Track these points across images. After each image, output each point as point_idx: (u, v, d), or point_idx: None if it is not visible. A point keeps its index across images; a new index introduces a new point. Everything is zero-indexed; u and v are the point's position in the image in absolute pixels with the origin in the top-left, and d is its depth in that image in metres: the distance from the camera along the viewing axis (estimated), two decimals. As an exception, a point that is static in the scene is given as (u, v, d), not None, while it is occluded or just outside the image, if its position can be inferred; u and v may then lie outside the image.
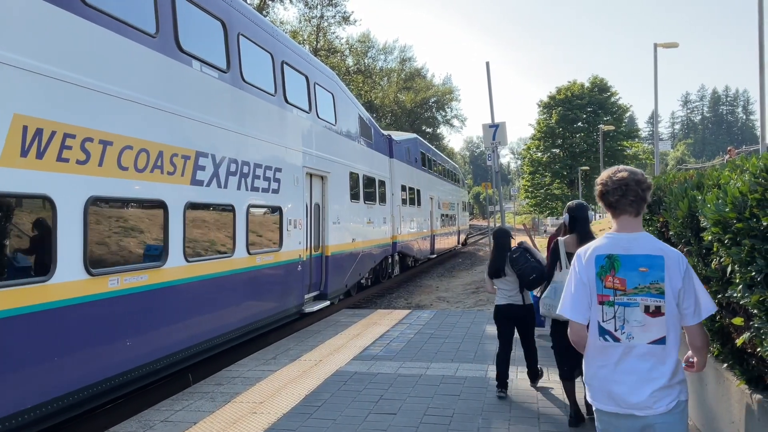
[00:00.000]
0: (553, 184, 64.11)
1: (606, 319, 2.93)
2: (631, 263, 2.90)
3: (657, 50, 26.99)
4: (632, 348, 2.88)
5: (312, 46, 46.30)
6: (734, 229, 3.55)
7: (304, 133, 11.68)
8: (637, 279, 2.88)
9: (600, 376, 2.96)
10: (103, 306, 6.13)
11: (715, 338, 4.56)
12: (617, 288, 2.91)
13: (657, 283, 2.86)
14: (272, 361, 8.17)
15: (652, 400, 2.83)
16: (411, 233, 22.40)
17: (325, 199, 12.76)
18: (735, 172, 3.82)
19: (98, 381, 6.06)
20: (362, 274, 15.97)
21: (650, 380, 2.84)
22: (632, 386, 2.85)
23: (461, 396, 6.39)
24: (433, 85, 73.94)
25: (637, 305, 2.87)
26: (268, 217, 10.04)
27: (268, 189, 9.88)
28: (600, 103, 62.29)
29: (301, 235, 11.28)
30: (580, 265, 3.03)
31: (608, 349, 2.93)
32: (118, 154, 6.33)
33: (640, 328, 2.87)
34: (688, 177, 5.25)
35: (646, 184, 2.99)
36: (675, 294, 2.85)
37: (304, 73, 11.91)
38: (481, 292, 18.72)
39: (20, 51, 5.21)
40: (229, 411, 6.06)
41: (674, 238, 5.11)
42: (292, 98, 11.08)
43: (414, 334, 9.79)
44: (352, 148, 15.18)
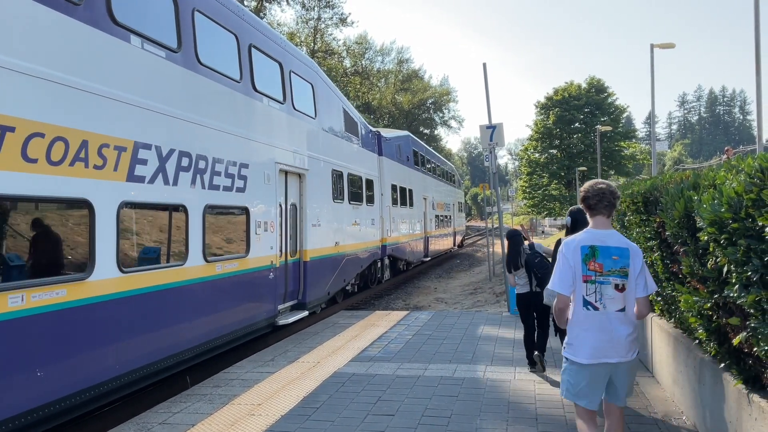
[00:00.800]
0: (551, 184, 64.16)
1: (588, 293, 3.90)
2: (606, 252, 3.89)
3: (654, 51, 27.04)
4: (606, 314, 3.89)
5: (309, 48, 46.30)
6: (730, 230, 3.57)
7: (276, 125, 10.52)
8: (610, 264, 3.88)
9: (582, 336, 3.93)
10: (2, 331, 5.01)
11: (711, 338, 4.57)
12: (597, 270, 3.89)
13: (624, 268, 3.88)
14: (270, 362, 8.17)
15: (621, 351, 3.89)
16: (402, 235, 21.33)
17: (303, 199, 11.70)
18: (731, 173, 3.83)
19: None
20: (347, 280, 14.86)
21: (618, 338, 3.88)
22: (607, 342, 3.88)
23: (459, 397, 6.39)
24: (431, 86, 73.93)
25: (609, 283, 3.88)
26: (232, 219, 9.00)
27: (232, 187, 8.80)
28: (597, 103, 62.37)
29: (274, 239, 10.13)
30: (568, 252, 3.95)
31: (590, 315, 3.91)
32: (23, 142, 5.23)
33: (611, 300, 3.88)
34: (684, 177, 5.26)
35: (617, 194, 4.01)
36: (635, 277, 3.89)
37: (277, 59, 10.70)
38: (479, 293, 18.74)
39: None
40: (228, 413, 6.06)
41: (671, 239, 5.12)
42: (262, 86, 9.95)
43: (412, 335, 9.79)
44: (336, 145, 14.10)
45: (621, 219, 7.75)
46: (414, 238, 23.46)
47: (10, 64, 5.19)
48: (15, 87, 5.24)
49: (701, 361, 4.94)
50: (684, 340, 5.55)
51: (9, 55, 5.19)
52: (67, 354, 5.74)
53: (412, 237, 23.03)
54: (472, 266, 30.04)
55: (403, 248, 21.52)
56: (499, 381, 6.98)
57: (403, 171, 22.01)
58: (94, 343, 6.11)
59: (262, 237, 9.67)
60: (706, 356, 4.83)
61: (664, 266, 5.71)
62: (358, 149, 16.15)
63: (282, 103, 10.78)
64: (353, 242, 15.15)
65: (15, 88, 5.24)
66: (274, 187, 10.26)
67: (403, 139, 22.79)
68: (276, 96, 10.54)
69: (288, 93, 11.06)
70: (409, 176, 22.99)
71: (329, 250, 13.17)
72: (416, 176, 24.50)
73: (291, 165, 11.04)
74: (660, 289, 6.20)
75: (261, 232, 9.65)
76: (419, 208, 24.75)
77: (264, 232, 9.77)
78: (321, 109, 12.97)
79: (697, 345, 5.13)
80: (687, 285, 4.86)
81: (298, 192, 11.68)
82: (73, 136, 5.80)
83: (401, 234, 21.13)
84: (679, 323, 5.85)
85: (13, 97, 5.22)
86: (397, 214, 20.58)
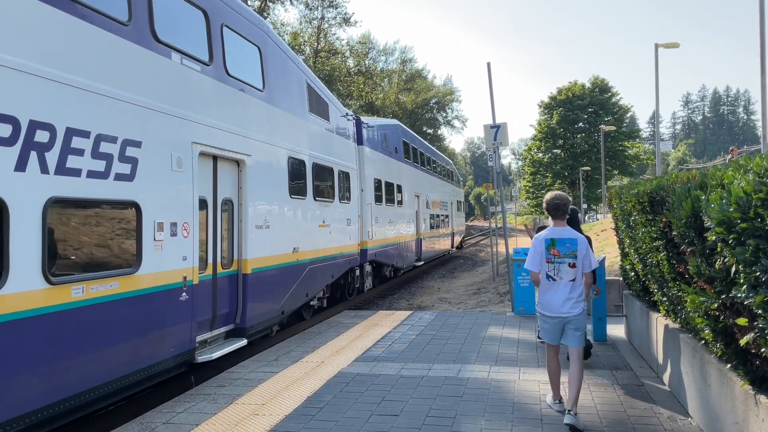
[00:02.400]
0: (554, 184, 64.08)
1: (550, 270, 5.71)
2: (562, 242, 5.72)
3: (658, 50, 26.99)
4: (562, 283, 5.68)
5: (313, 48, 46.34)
6: (738, 229, 3.54)
7: (196, 93, 7.89)
8: (565, 250, 5.69)
9: (546, 298, 5.76)
10: None
11: (718, 339, 4.54)
12: (555, 254, 5.70)
13: (573, 252, 5.68)
14: (274, 362, 8.16)
15: (570, 308, 5.66)
16: (389, 237, 18.73)
17: (243, 193, 9.03)
18: (738, 172, 3.80)
19: None
20: (312, 294, 12.03)
21: (569, 299, 5.66)
22: (561, 302, 5.67)
23: (464, 397, 6.37)
24: (434, 86, 74.02)
25: (564, 263, 5.68)
26: (109, 218, 6.32)
27: (107, 173, 6.13)
28: (601, 103, 62.34)
29: (188, 247, 7.51)
30: (537, 244, 5.80)
31: (551, 285, 5.72)
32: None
33: (565, 274, 5.67)
34: (691, 177, 5.23)
35: (569, 202, 5.92)
36: (581, 258, 5.68)
37: (199, 5, 8.06)
38: (482, 293, 18.70)
39: None
40: (232, 413, 6.05)
41: (677, 238, 5.09)
42: (170, 37, 7.38)
43: (416, 335, 9.78)
44: (295, 127, 11.15)
45: (626, 219, 7.72)
46: (404, 240, 21.04)
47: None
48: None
49: (707, 361, 4.92)
50: (690, 340, 5.52)
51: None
52: None
53: (401, 239, 20.60)
54: (475, 266, 30.01)
55: (390, 252, 18.96)
56: (504, 381, 6.96)
57: (390, 164, 19.33)
58: None
59: (166, 244, 7.11)
60: (712, 357, 4.80)
61: (671, 266, 5.69)
62: (328, 135, 13.08)
63: (207, 64, 8.13)
64: (320, 247, 12.33)
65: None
66: (190, 176, 7.63)
67: (390, 128, 20.01)
68: (196, 53, 7.94)
69: (217, 52, 8.41)
70: (398, 170, 20.37)
71: (284, 259, 10.38)
72: (407, 171, 22.04)
73: (222, 148, 8.40)
74: (666, 289, 6.18)
75: (164, 237, 7.08)
76: (410, 206, 22.40)
77: (170, 237, 7.20)
78: (273, 80, 10.17)
79: (703, 346, 5.10)
80: (694, 285, 4.83)
81: (236, 184, 9.02)
82: None
83: (387, 236, 18.61)
84: (685, 324, 5.82)
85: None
86: (383, 213, 18.04)
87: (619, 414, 5.76)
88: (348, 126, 14.98)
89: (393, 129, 20.42)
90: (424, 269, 26.61)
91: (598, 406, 6.01)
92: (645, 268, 7.09)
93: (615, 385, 6.74)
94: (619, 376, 7.12)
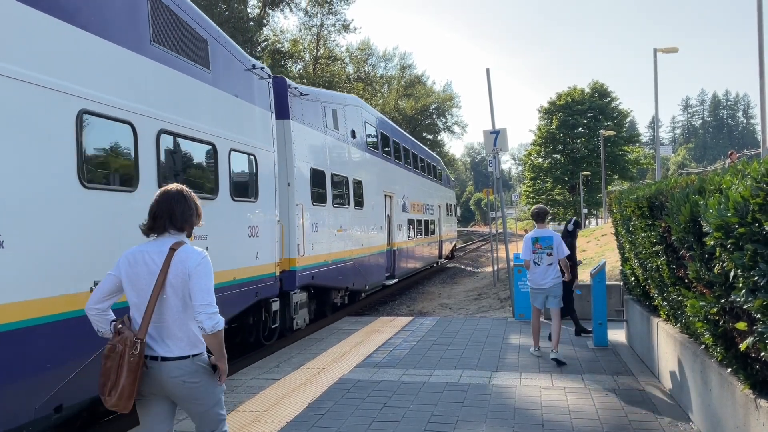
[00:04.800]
0: (555, 189, 64.17)
1: (535, 258, 8.23)
2: (543, 239, 8.22)
3: (657, 55, 27.07)
4: (543, 267, 8.20)
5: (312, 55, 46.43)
6: (737, 234, 3.56)
7: None
8: (545, 244, 8.19)
9: (533, 277, 8.31)
10: None
11: (718, 343, 4.55)
12: (538, 247, 8.20)
13: (550, 245, 8.19)
14: (275, 369, 8.16)
15: (549, 282, 8.19)
16: (338, 251, 13.50)
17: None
18: (736, 177, 3.82)
19: None
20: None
21: (547, 276, 8.18)
22: (542, 279, 8.21)
23: (465, 403, 6.38)
24: (434, 91, 74.05)
25: (545, 253, 8.18)
26: None
27: None
28: (600, 108, 62.41)
29: None
30: (526, 240, 8.35)
31: (536, 268, 8.24)
32: None
33: (545, 260, 8.18)
34: (689, 182, 5.25)
35: (547, 212, 8.68)
36: (556, 248, 8.22)
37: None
38: (483, 299, 18.70)
39: None
40: (233, 420, 6.05)
41: (677, 243, 5.11)
42: None
43: (417, 341, 9.78)
44: (108, 60, 6.21)
45: (626, 224, 7.74)
46: (366, 254, 15.86)
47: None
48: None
49: (708, 366, 4.92)
50: (690, 345, 5.53)
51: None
52: None
53: (361, 252, 15.39)
54: (476, 272, 30.01)
55: (342, 271, 13.76)
56: (505, 387, 6.96)
57: (341, 152, 14.28)
58: None
59: None
60: (712, 361, 4.81)
61: (670, 271, 5.70)
62: (201, 89, 8.11)
63: None
64: None
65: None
66: None
67: (343, 105, 14.79)
68: None
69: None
70: (355, 162, 15.30)
71: (53, 306, 5.29)
72: (373, 164, 17.10)
73: None
74: (666, 294, 6.19)
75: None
76: (378, 209, 17.33)
77: None
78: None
79: (703, 350, 5.11)
80: (693, 290, 4.84)
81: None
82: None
83: (335, 249, 13.37)
84: (685, 328, 5.83)
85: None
86: (327, 217, 12.91)
87: (620, 419, 5.76)
88: (256, 86, 9.76)
89: (351, 108, 15.22)
90: (424, 275, 26.47)
91: (599, 411, 6.01)
92: (645, 272, 7.10)
93: (616, 390, 6.74)
94: (620, 380, 7.12)
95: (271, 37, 44.06)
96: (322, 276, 12.43)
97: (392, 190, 19.21)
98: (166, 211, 3.53)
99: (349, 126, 14.90)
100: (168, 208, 3.53)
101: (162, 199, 3.56)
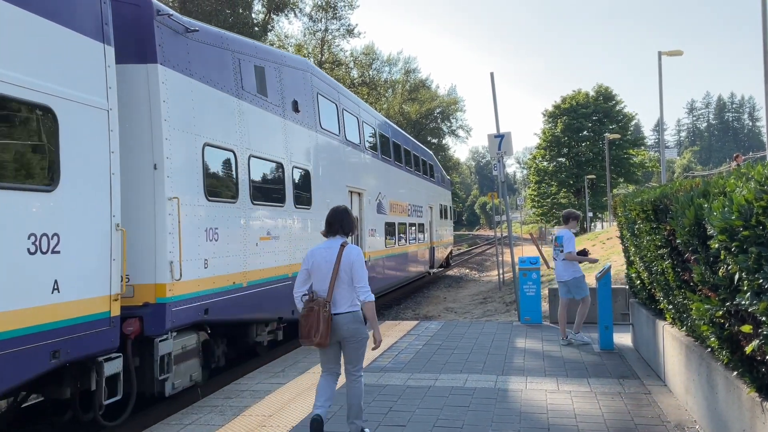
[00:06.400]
0: (560, 193, 64.02)
1: (554, 254, 9.88)
2: (558, 237, 9.73)
3: (661, 58, 27.03)
4: (558, 261, 9.64)
5: (317, 59, 46.55)
6: (741, 237, 3.56)
7: None
8: (558, 242, 9.66)
9: (555, 271, 9.89)
10: None
11: (724, 346, 4.55)
12: (555, 245, 9.83)
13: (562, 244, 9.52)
14: (281, 373, 8.17)
15: (566, 276, 9.48)
16: (264, 268, 9.43)
17: None
18: (741, 180, 3.83)
19: None
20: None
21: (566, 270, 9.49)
22: (560, 272, 9.59)
23: (470, 407, 6.37)
24: (438, 95, 74.08)
25: (559, 250, 9.60)
26: None
27: None
28: (605, 111, 62.28)
29: None
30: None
31: (556, 263, 9.79)
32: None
33: (559, 255, 9.56)
34: (694, 185, 5.25)
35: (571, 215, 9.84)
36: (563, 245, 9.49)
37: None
38: (489, 303, 18.68)
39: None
40: (239, 424, 6.07)
41: (681, 246, 5.11)
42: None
43: (422, 345, 9.78)
44: None
45: (631, 227, 7.73)
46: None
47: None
48: None
49: (714, 369, 4.92)
50: (696, 348, 5.52)
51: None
52: None
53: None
54: (481, 276, 29.97)
55: (269, 296, 9.54)
56: (511, 391, 6.96)
57: (270, 126, 10.09)
58: None
59: None
60: (718, 364, 4.80)
61: (676, 274, 5.69)
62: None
63: None
64: None
65: None
66: None
67: (278, 64, 10.70)
68: None
69: None
70: (296, 143, 10.94)
71: None
72: (329, 151, 12.76)
73: None
74: (671, 297, 6.19)
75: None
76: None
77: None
78: None
79: (709, 353, 5.10)
80: (698, 293, 4.84)
81: None
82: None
83: (257, 265, 9.25)
84: (690, 331, 5.82)
85: None
86: (236, 219, 8.78)
87: (626, 423, 5.75)
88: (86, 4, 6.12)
89: (290, 68, 11.18)
90: (429, 279, 26.39)
91: (605, 414, 6.00)
92: (650, 276, 7.10)
93: (622, 393, 6.73)
94: (626, 384, 7.11)
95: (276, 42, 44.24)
96: (228, 306, 8.24)
97: (362, 185, 15.01)
98: (338, 221, 5.40)
99: (289, 95, 10.79)
100: (339, 219, 5.41)
101: (335, 212, 5.46)
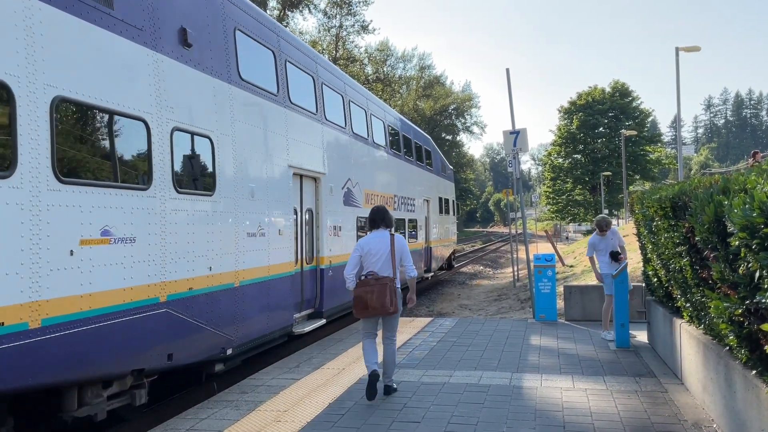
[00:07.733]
0: (575, 190, 63.65)
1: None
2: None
3: (679, 54, 26.74)
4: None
5: (331, 55, 46.59)
6: (762, 234, 3.51)
7: None
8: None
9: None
10: None
11: (743, 345, 4.49)
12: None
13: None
14: (295, 369, 8.20)
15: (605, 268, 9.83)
16: (98, 291, 5.56)
17: None
18: (762, 177, 3.77)
19: None
20: None
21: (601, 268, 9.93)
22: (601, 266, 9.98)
23: (485, 404, 6.36)
24: (453, 92, 73.97)
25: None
26: None
27: None
28: (621, 107, 61.81)
29: None
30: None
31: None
32: None
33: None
34: (713, 182, 5.19)
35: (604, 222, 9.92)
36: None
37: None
38: (503, 300, 18.63)
39: None
40: (254, 419, 6.09)
41: (700, 244, 5.05)
42: None
43: (436, 342, 9.77)
44: None
45: (648, 224, 7.66)
46: (221, 285, 7.76)
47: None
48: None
49: (732, 368, 4.86)
50: (714, 346, 5.46)
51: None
52: None
53: (204, 283, 7.38)
54: (495, 273, 29.89)
55: (99, 338, 5.59)
56: (526, 388, 6.93)
57: (119, 55, 6.09)
58: None
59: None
60: (737, 363, 4.75)
61: (694, 272, 5.63)
62: None
63: None
64: None
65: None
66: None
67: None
68: None
69: None
70: (182, 93, 7.15)
71: None
72: (256, 112, 8.96)
73: None
74: (689, 295, 6.13)
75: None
76: (268, 198, 9.14)
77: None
78: None
79: (727, 352, 5.05)
80: (717, 291, 4.78)
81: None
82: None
83: (77, 289, 5.35)
84: (709, 330, 5.76)
85: None
86: (18, 213, 4.79)
87: (643, 421, 5.71)
88: None
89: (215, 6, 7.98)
90: (444, 276, 26.35)
91: (621, 413, 5.96)
92: (668, 273, 7.03)
93: (638, 392, 6.68)
94: (642, 382, 7.05)
95: (290, 38, 44.21)
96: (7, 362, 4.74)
97: (316, 167, 11.17)
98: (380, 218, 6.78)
99: (171, 18, 7.08)
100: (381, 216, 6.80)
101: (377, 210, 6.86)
